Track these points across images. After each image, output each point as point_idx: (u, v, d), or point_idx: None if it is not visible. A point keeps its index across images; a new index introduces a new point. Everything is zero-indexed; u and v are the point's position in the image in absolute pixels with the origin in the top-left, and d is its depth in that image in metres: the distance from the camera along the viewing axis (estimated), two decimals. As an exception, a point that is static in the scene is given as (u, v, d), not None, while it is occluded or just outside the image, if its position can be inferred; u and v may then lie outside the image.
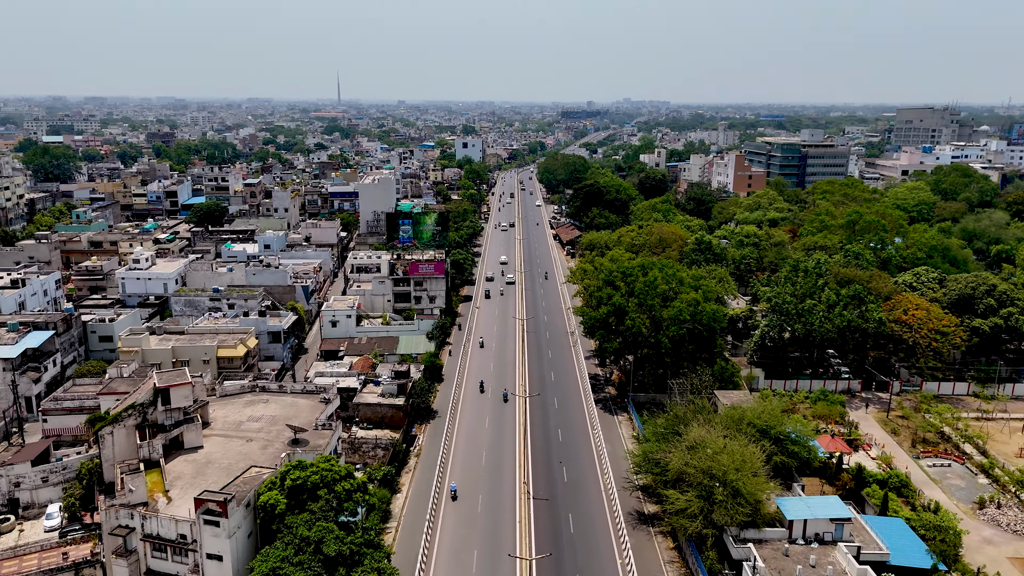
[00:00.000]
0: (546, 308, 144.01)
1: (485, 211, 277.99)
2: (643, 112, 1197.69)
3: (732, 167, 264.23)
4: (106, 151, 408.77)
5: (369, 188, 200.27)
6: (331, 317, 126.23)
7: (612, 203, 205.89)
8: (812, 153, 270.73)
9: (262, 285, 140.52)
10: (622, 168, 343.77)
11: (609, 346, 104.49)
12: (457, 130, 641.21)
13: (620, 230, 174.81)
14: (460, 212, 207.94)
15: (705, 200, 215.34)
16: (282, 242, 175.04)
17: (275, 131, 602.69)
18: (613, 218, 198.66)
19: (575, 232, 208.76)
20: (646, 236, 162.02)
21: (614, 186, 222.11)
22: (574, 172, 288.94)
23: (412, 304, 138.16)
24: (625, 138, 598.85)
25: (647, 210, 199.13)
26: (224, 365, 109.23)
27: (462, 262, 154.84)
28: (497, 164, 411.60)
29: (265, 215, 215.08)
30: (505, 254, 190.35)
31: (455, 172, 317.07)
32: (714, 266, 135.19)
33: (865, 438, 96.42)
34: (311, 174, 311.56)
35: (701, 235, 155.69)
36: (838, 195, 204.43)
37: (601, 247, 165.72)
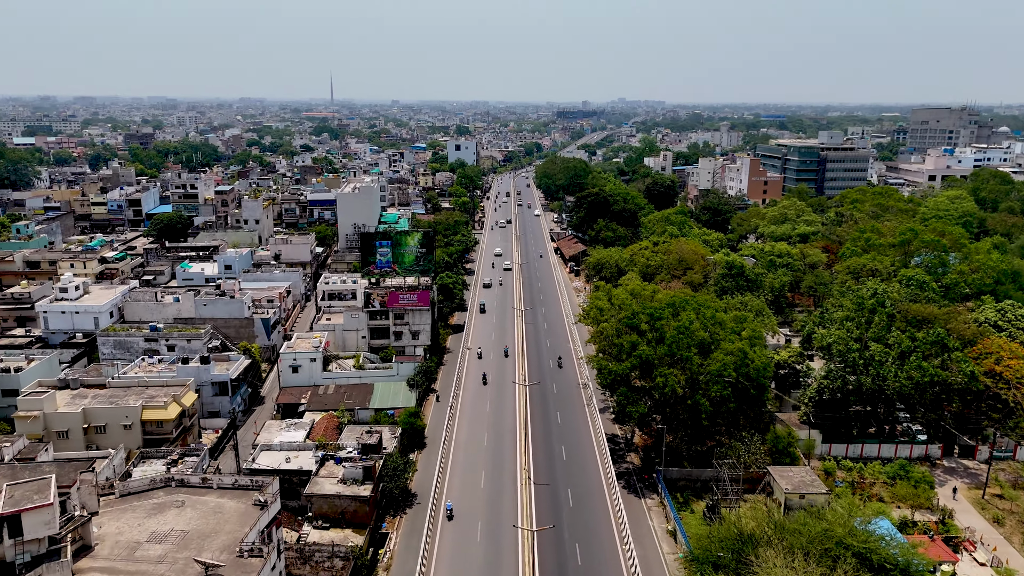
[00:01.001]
0: (551, 347, 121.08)
1: (480, 217, 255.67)
2: (639, 112, 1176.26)
3: (746, 172, 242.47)
4: (79, 153, 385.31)
5: (348, 198, 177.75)
6: (291, 361, 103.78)
7: (620, 214, 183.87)
8: (831, 157, 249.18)
9: (214, 318, 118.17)
10: (624, 172, 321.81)
11: (634, 410, 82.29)
12: (451, 130, 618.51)
13: (632, 247, 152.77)
14: (451, 224, 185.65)
15: (722, 210, 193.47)
16: (246, 261, 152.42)
17: (262, 132, 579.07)
18: (622, 231, 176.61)
19: (579, 246, 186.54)
20: (663, 256, 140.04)
21: (621, 195, 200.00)
22: (574, 177, 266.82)
23: (391, 341, 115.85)
24: (624, 139, 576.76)
25: (659, 222, 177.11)
26: (151, 430, 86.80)
27: (451, 286, 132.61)
28: (492, 167, 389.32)
29: (235, 227, 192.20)
30: (501, 275, 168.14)
31: (447, 176, 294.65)
32: (749, 296, 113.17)
33: (966, 533, 74.61)
34: (292, 179, 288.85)
35: (732, 258, 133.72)
36: (869, 204, 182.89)
37: (611, 268, 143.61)
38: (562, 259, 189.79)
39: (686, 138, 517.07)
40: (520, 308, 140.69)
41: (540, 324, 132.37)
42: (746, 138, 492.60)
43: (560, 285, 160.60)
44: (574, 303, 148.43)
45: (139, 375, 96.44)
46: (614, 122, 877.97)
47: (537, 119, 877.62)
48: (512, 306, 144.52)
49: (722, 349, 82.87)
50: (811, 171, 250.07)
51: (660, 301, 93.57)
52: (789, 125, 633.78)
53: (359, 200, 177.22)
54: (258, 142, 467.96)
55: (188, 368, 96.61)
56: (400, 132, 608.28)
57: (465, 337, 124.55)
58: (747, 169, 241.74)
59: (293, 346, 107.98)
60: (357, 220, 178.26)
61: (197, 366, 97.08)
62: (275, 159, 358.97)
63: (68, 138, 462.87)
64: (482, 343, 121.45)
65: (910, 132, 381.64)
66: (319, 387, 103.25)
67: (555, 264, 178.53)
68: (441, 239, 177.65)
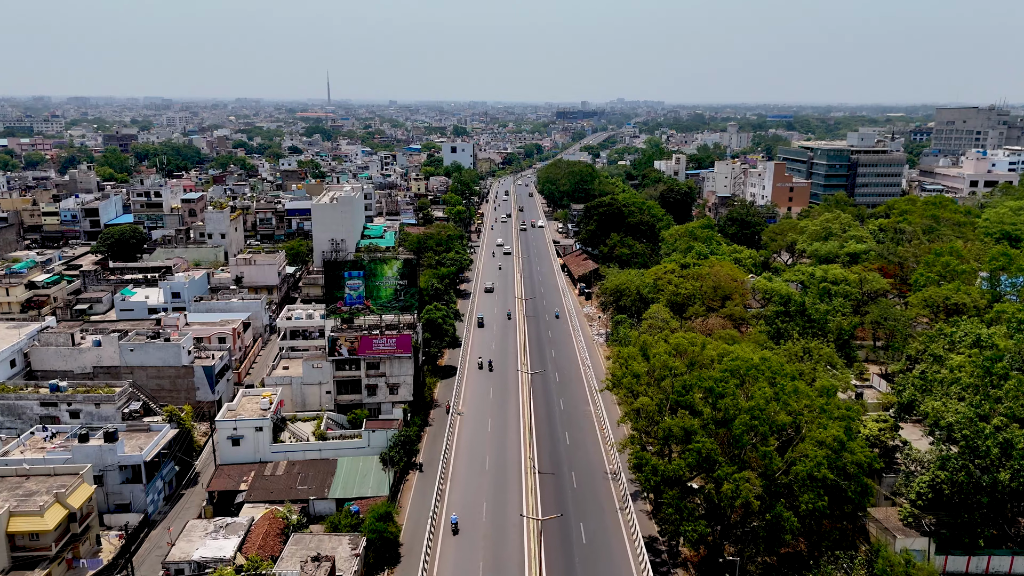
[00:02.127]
0: (566, 416, 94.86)
1: (477, 226, 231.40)
2: (639, 112, 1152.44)
3: (770, 178, 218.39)
4: (52, 156, 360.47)
5: (325, 210, 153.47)
6: (231, 431, 79.64)
7: (636, 228, 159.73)
8: (863, 161, 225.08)
9: (144, 367, 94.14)
10: (633, 176, 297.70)
11: (692, 530, 58.07)
12: (448, 131, 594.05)
13: (655, 269, 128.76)
14: (443, 239, 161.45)
15: (750, 222, 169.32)
16: (199, 287, 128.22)
17: (252, 133, 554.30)
18: (639, 248, 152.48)
19: (589, 264, 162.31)
20: (694, 281, 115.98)
21: (636, 204, 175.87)
22: (579, 182, 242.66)
23: (363, 397, 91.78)
24: (627, 140, 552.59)
25: (683, 237, 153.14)
26: (24, 545, 62.75)
27: (440, 321, 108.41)
28: (490, 170, 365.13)
29: (198, 242, 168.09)
30: (500, 302, 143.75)
31: (441, 181, 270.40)
32: (814, 342, 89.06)
33: None
34: (274, 184, 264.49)
35: (778, 286, 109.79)
36: (919, 215, 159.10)
37: (632, 296, 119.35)
38: (570, 278, 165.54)
39: (692, 139, 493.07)
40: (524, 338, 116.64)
41: (551, 378, 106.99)
42: (755, 139, 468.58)
43: (572, 317, 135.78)
44: (589, 341, 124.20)
45: (23, 457, 72.22)
46: (615, 122, 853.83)
47: (536, 119, 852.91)
48: (515, 341, 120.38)
49: (811, 438, 58.97)
50: (840, 176, 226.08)
51: (712, 357, 69.44)
52: (796, 125, 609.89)
53: (336, 212, 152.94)
54: (245, 143, 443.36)
55: (87, 448, 72.35)
56: (395, 133, 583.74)
57: (457, 390, 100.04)
58: (771, 174, 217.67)
59: (236, 409, 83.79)
60: (335, 235, 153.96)
61: (99, 445, 72.84)
62: (259, 162, 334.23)
63: (44, 139, 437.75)
64: (478, 406, 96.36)
65: (934, 133, 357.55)
66: (266, 465, 79.08)
67: (565, 289, 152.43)
68: (431, 256, 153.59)
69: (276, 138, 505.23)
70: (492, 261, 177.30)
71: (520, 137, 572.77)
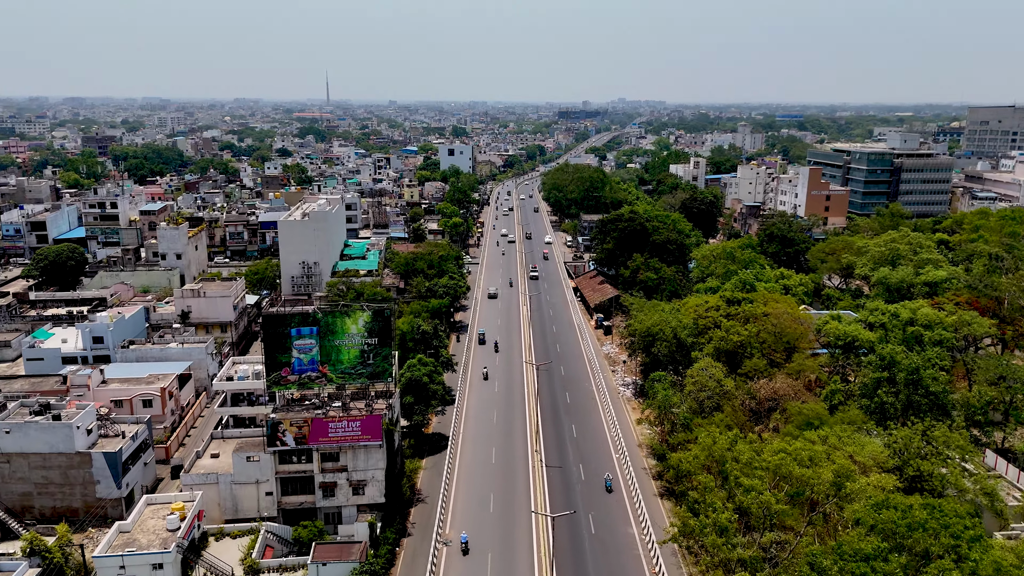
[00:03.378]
0: (600, 543, 68.39)
1: (475, 239, 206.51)
2: (641, 112, 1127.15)
3: (804, 185, 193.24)
4: (24, 159, 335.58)
5: (294, 228, 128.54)
6: (117, 570, 54.74)
7: (663, 247, 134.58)
8: (907, 165, 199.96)
9: (25, 454, 69.47)
10: (646, 181, 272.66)
11: None
12: (446, 132, 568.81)
13: (692, 303, 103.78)
14: (436, 261, 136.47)
15: (792, 239, 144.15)
16: (132, 327, 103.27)
17: (244, 134, 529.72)
18: (667, 272, 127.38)
19: (606, 289, 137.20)
20: (749, 327, 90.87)
21: (660, 218, 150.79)
22: (590, 189, 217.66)
23: (318, 499, 66.81)
24: (633, 141, 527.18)
25: (719, 259, 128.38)
26: None
27: (426, 380, 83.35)
28: (491, 173, 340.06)
29: (150, 263, 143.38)
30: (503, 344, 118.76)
31: (437, 187, 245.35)
32: (939, 427, 63.96)
33: None
34: (254, 191, 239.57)
35: (855, 330, 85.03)
36: (996, 232, 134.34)
37: (669, 343, 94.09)
38: (584, 305, 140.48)
39: (701, 139, 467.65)
40: (534, 403, 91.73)
41: (571, 468, 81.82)
42: (768, 140, 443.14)
43: (591, 358, 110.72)
44: (614, 394, 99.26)
45: None
46: (618, 122, 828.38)
47: (538, 120, 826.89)
48: (522, 403, 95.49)
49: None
50: (882, 183, 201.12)
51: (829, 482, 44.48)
52: (807, 125, 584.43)
53: (308, 230, 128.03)
54: (233, 145, 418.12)
55: None
56: (392, 134, 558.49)
57: (447, 487, 74.86)
58: (805, 181, 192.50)
59: (133, 529, 58.97)
60: (307, 256, 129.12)
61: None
62: (242, 165, 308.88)
63: (22, 141, 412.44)
64: (474, 517, 70.39)
65: (966, 134, 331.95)
66: (167, 621, 54.17)
67: (582, 326, 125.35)
68: (421, 281, 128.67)
69: (268, 139, 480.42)
70: (493, 280, 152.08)
71: (521, 138, 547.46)
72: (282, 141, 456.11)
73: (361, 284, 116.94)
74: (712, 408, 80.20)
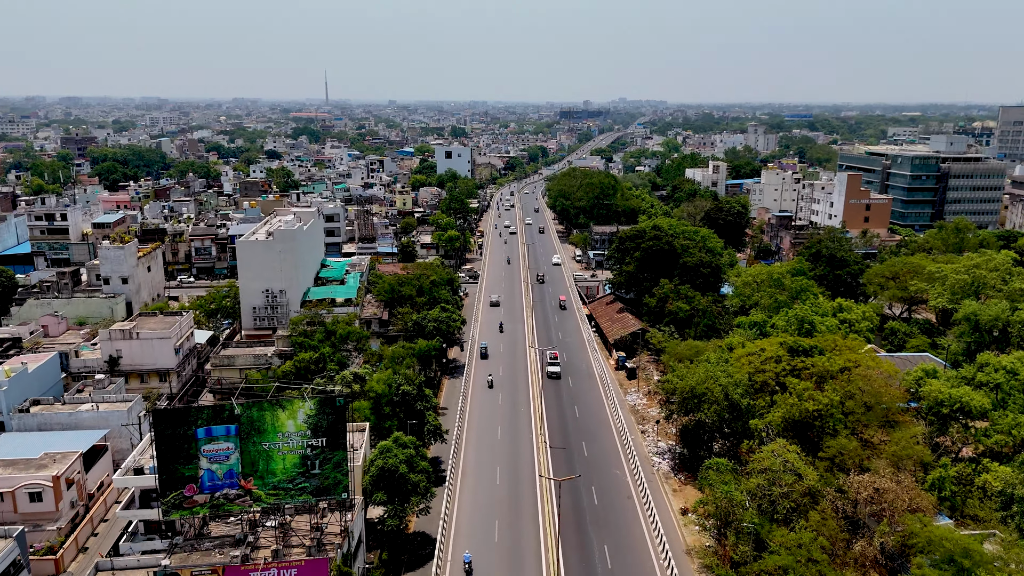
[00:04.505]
0: None
1: (477, 246, 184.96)
2: (643, 111, 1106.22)
3: (841, 193, 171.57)
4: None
5: (255, 249, 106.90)
6: None
7: (695, 271, 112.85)
8: (955, 171, 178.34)
9: None
10: (658, 186, 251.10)
11: None
12: (445, 132, 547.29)
13: (740, 347, 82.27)
14: (427, 287, 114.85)
15: (843, 259, 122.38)
16: (42, 379, 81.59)
17: (235, 134, 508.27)
18: (702, 301, 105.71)
19: (628, 320, 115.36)
20: (823, 394, 69.13)
21: (687, 234, 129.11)
22: (600, 196, 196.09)
23: None
24: (639, 141, 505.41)
25: (764, 286, 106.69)
26: None
27: (404, 469, 61.52)
28: (491, 176, 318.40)
29: (92, 288, 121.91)
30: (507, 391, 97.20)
31: (433, 193, 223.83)
32: None
33: None
34: (231, 198, 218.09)
35: (965, 396, 63.58)
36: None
37: (718, 402, 72.46)
38: (600, 337, 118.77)
39: (710, 140, 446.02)
40: (548, 490, 70.18)
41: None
42: (781, 140, 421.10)
43: (616, 422, 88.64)
44: (645, 463, 77.57)
45: None
46: (620, 122, 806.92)
47: (539, 119, 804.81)
48: (532, 492, 73.98)
49: None
50: (927, 190, 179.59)
51: None
52: (818, 126, 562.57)
53: (273, 251, 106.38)
54: (220, 146, 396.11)
55: None
56: (389, 134, 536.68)
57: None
58: (843, 188, 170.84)
59: None
60: (271, 283, 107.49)
61: None
62: (224, 169, 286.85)
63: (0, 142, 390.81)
64: None
65: (997, 135, 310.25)
66: None
67: (604, 375, 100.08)
68: (408, 314, 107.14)
69: (259, 140, 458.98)
70: (493, 313, 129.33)
71: (523, 138, 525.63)
72: (273, 142, 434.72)
73: (333, 320, 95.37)
74: (790, 511, 58.91)
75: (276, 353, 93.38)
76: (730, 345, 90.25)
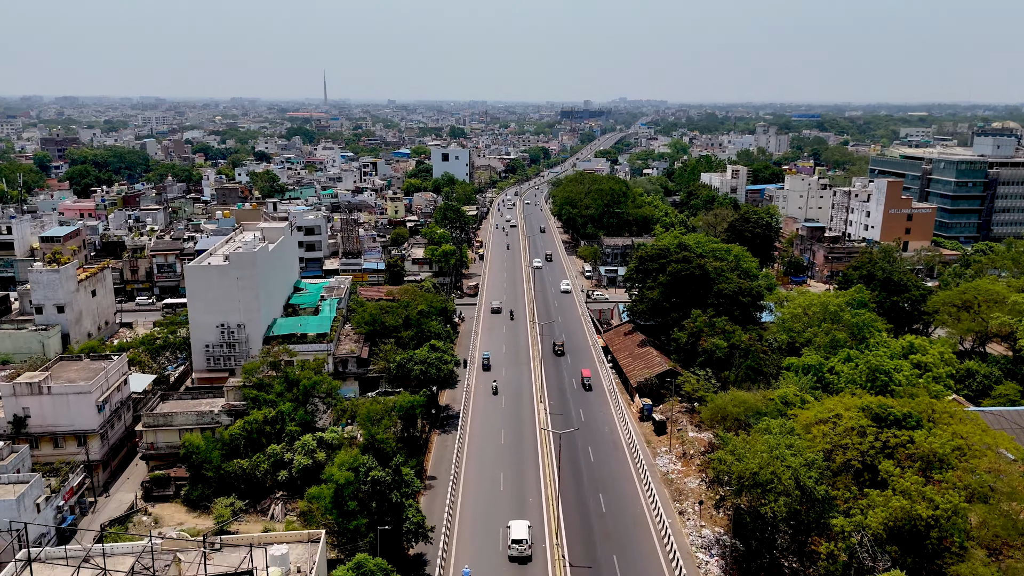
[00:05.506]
0: None
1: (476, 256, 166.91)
2: (644, 111, 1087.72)
3: (880, 201, 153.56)
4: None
5: (208, 277, 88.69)
6: None
7: (731, 299, 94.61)
8: (1004, 177, 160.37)
9: None
10: (671, 191, 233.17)
11: None
12: (444, 133, 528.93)
13: (807, 416, 64.15)
14: (414, 318, 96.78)
15: (900, 282, 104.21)
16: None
17: (227, 135, 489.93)
18: (742, 337, 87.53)
19: (652, 357, 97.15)
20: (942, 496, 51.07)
21: (717, 253, 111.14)
22: (610, 204, 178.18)
23: None
24: (643, 142, 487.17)
25: (818, 321, 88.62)
26: None
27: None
28: (490, 180, 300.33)
29: (21, 319, 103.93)
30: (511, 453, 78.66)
31: (428, 200, 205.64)
32: None
33: None
34: (209, 205, 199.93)
35: None
36: None
37: (788, 496, 54.43)
38: (616, 370, 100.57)
39: (717, 140, 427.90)
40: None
41: None
42: (793, 142, 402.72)
43: (655, 515, 69.62)
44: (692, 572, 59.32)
45: None
46: (622, 122, 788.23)
47: (539, 119, 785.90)
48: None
49: None
50: (974, 199, 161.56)
51: None
52: (828, 126, 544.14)
53: (229, 279, 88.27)
54: (207, 148, 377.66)
55: None
56: (386, 135, 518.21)
57: None
58: (881, 196, 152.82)
59: None
60: (228, 316, 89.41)
61: None
62: (206, 172, 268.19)
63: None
64: None
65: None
66: None
67: (634, 444, 78.07)
68: (392, 351, 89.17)
69: (251, 141, 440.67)
70: (491, 343, 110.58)
71: (523, 139, 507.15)
72: (265, 143, 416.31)
73: (297, 368, 77.24)
74: None
75: (225, 408, 75.25)
76: (785, 398, 72.58)
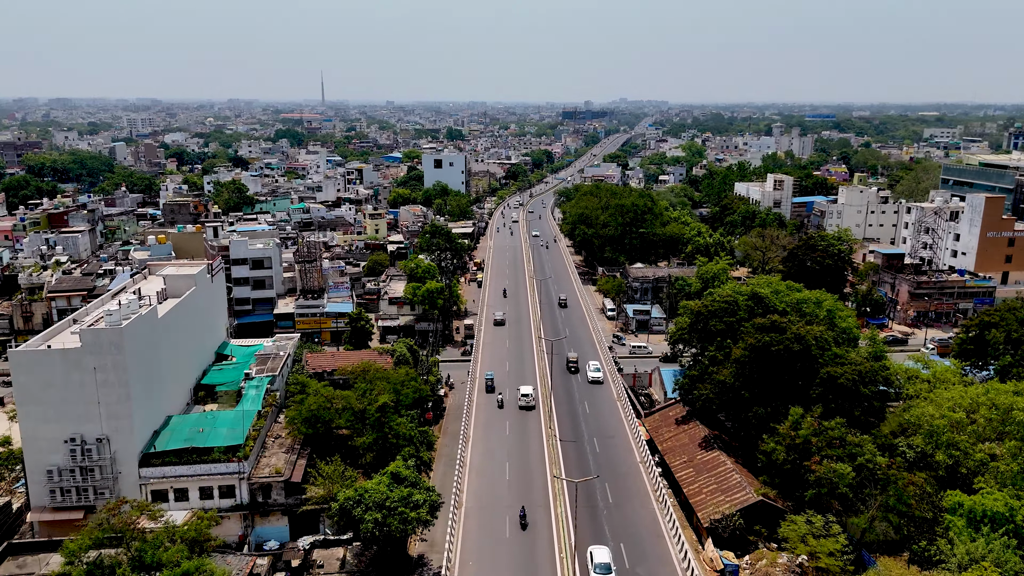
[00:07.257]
0: None
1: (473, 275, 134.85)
2: (646, 112, 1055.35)
3: (975, 223, 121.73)
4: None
5: (44, 367, 56.38)
6: None
7: (849, 392, 62.61)
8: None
9: None
10: (697, 202, 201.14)
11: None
12: (440, 135, 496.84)
13: None
14: (372, 415, 64.60)
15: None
16: None
17: (211, 137, 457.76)
18: (877, 457, 55.54)
19: (730, 477, 65.01)
20: None
21: (799, 305, 79.21)
22: (633, 222, 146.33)
23: None
24: (652, 145, 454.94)
25: (989, 429, 56.67)
26: None
27: None
28: (489, 187, 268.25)
29: None
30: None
31: (416, 215, 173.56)
32: None
33: None
34: (155, 224, 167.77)
35: None
36: None
37: None
38: (669, 479, 68.42)
39: (733, 143, 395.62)
40: None
41: None
42: (818, 144, 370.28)
43: None
44: None
45: None
46: (625, 123, 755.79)
47: (540, 120, 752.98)
48: None
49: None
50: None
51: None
52: (844, 127, 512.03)
53: (80, 371, 56.13)
54: (182, 152, 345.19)
55: None
56: (380, 137, 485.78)
57: None
58: (978, 216, 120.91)
59: None
60: (82, 427, 57.30)
61: None
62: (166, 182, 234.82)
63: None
64: None
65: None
66: None
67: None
68: (336, 469, 57.20)
69: (235, 143, 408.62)
70: (491, 444, 75.96)
71: (524, 141, 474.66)
72: (249, 147, 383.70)
73: (154, 541, 45.30)
74: None
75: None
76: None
